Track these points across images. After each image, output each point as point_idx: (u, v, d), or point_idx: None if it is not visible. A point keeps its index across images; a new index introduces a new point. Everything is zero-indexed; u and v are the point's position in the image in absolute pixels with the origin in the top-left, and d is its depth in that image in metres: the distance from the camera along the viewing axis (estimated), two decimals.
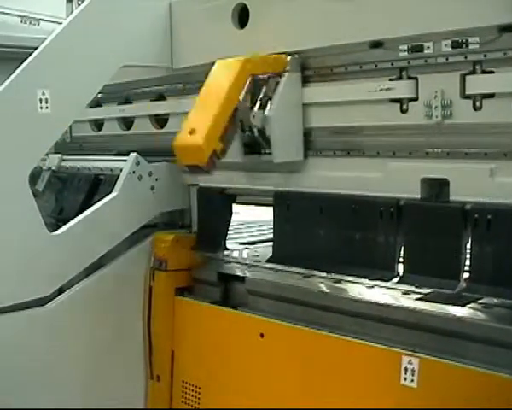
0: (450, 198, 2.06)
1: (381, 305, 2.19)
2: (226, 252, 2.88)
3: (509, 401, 1.79)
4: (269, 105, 2.28)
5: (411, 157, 2.18)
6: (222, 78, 2.26)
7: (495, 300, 2.04)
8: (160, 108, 3.12)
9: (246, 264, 2.76)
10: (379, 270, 2.24)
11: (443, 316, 2.03)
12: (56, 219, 3.07)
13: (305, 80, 2.40)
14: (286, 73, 2.31)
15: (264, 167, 2.52)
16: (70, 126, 3.40)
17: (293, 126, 2.38)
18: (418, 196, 2.14)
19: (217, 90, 2.24)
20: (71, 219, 2.65)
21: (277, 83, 2.30)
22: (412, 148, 2.17)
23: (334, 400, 2.19)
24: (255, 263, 2.73)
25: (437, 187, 2.12)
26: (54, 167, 3.35)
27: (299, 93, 2.37)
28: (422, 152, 2.15)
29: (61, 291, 2.61)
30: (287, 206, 2.50)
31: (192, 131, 2.19)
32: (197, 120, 2.22)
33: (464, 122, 2.01)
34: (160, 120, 3.16)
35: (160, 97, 3.14)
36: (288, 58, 2.32)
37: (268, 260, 2.59)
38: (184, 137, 2.22)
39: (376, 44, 2.18)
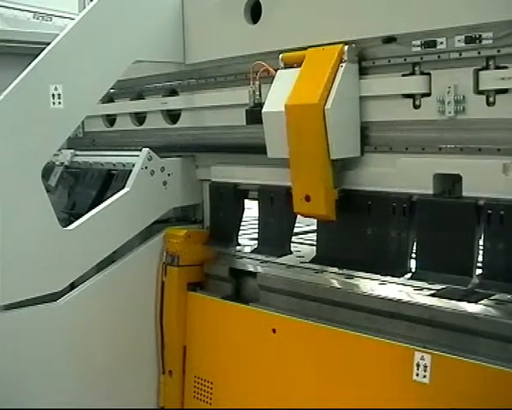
0: (463, 194, 2.07)
1: (393, 301, 2.19)
2: (238, 247, 2.88)
3: None
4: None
5: (424, 153, 2.19)
6: (305, 123, 2.24)
7: (508, 296, 2.05)
8: (172, 103, 3.14)
9: (258, 259, 2.77)
10: (391, 266, 2.25)
11: (455, 312, 2.03)
12: (69, 214, 3.12)
13: None
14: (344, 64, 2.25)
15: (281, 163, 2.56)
16: (82, 122, 3.44)
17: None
18: (431, 192, 2.15)
19: (308, 140, 2.24)
20: (83, 215, 2.68)
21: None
22: (425, 143, 2.18)
23: (347, 395, 2.21)
24: (267, 259, 2.74)
25: (450, 183, 2.14)
26: (66, 163, 3.38)
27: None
28: (435, 148, 2.16)
29: (73, 286, 2.65)
30: None
31: (308, 198, 2.26)
32: (306, 183, 2.28)
33: (477, 118, 2.02)
34: (173, 116, 3.18)
35: (173, 93, 3.16)
36: (346, 48, 2.24)
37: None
38: (302, 205, 2.29)
39: (389, 40, 2.20)
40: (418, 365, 1.99)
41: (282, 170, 2.52)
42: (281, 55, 2.37)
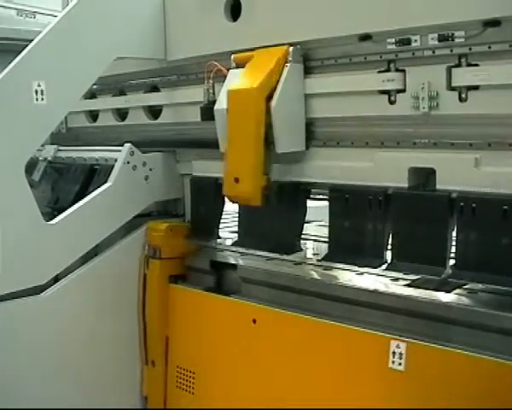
0: (437, 187, 2.07)
1: (370, 291, 2.20)
2: (219, 240, 2.87)
3: (492, 383, 1.82)
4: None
5: (399, 147, 2.19)
6: (243, 108, 2.26)
7: (479, 285, 2.06)
8: (153, 99, 3.12)
9: (238, 252, 2.76)
10: (368, 257, 2.26)
11: (430, 301, 2.04)
12: (52, 208, 3.07)
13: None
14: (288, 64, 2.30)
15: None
16: (65, 117, 3.38)
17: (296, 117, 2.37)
18: (406, 185, 2.16)
19: (244, 124, 2.25)
20: (66, 209, 2.65)
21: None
22: (400, 138, 2.18)
23: (325, 383, 2.22)
24: (247, 251, 2.73)
25: (424, 176, 2.14)
26: (50, 158, 3.33)
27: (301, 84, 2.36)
28: (410, 142, 2.16)
29: (56, 279, 2.61)
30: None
31: (237, 180, 2.26)
32: (238, 166, 2.29)
33: (450, 113, 2.02)
34: (154, 112, 3.16)
35: (154, 89, 3.14)
36: (291, 49, 2.30)
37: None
38: (231, 186, 2.29)
39: (365, 37, 2.19)
40: (394, 353, 2.00)
41: None
42: (232, 56, 2.42)
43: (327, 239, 2.43)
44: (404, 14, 2.05)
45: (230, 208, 3.06)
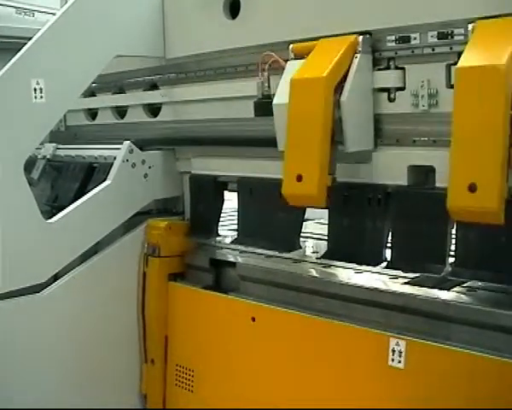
0: (436, 185, 2.06)
1: (370, 289, 2.18)
2: (218, 238, 2.86)
3: (492, 382, 1.81)
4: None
5: (399, 145, 2.18)
6: (310, 98, 2.08)
7: (479, 283, 2.05)
8: (153, 97, 3.11)
9: (238, 250, 2.74)
10: (367, 255, 2.25)
11: (429, 299, 2.03)
12: (51, 206, 3.06)
13: None
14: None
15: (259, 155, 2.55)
16: (64, 116, 3.39)
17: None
18: (405, 184, 2.15)
19: (311, 117, 2.07)
20: (66, 207, 2.64)
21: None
22: (399, 136, 2.17)
23: (324, 382, 2.21)
24: (247, 249, 2.72)
25: (423, 174, 2.13)
26: (49, 156, 3.32)
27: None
28: (409, 140, 2.15)
29: (56, 278, 2.60)
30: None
31: (299, 178, 2.08)
32: (301, 162, 2.10)
33: (450, 111, 1.92)
34: (153, 109, 3.15)
35: (153, 87, 3.13)
36: (360, 38, 2.14)
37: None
38: (292, 185, 2.09)
39: (365, 35, 2.16)
40: (393, 350, 1.99)
41: (260, 162, 2.54)
42: (291, 46, 2.27)
43: (326, 237, 2.42)
44: (403, 11, 2.05)
45: (230, 206, 3.05)
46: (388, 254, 2.23)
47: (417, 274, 2.17)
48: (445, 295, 2.03)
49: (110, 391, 2.70)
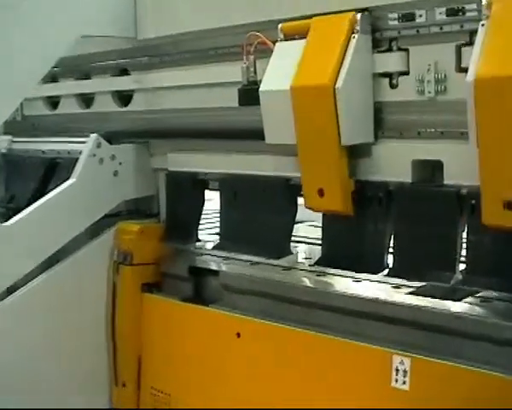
0: (445, 182, 2.07)
1: (370, 300, 2.19)
2: (198, 243, 2.87)
3: (509, 404, 1.79)
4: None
5: (402, 137, 2.18)
6: (317, 107, 2.11)
7: (494, 293, 2.05)
8: (123, 83, 3.09)
9: (220, 256, 2.75)
10: (367, 261, 2.26)
11: (437, 312, 2.03)
12: (6, 208, 3.04)
13: None
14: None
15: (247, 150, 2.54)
16: (21, 104, 3.36)
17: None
18: (409, 180, 2.15)
19: (320, 126, 2.11)
20: (23, 209, 2.62)
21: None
22: (403, 127, 2.17)
23: (321, 405, 2.20)
24: (230, 255, 2.73)
25: (430, 170, 2.14)
26: (3, 150, 3.30)
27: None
28: (414, 131, 2.15)
29: (13, 289, 2.59)
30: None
31: (321, 193, 2.15)
32: (319, 176, 2.17)
33: (460, 98, 1.94)
34: (124, 98, 3.12)
35: (123, 72, 3.10)
36: (359, 16, 2.11)
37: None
38: (315, 200, 2.20)
39: (363, 12, 2.15)
40: (397, 370, 1.99)
41: (245, 157, 2.50)
42: (280, 25, 2.26)
43: (320, 241, 2.42)
44: None
45: (211, 207, 3.06)
46: (390, 260, 2.24)
47: (423, 283, 2.17)
48: (455, 306, 2.03)
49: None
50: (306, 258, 2.69)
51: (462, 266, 2.07)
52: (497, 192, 1.82)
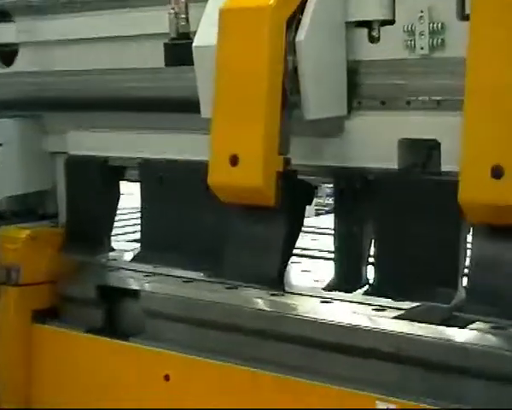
0: (442, 169, 2.09)
1: (343, 327, 2.17)
2: (112, 254, 2.89)
3: None
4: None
5: (385, 109, 2.21)
6: (250, 40, 2.11)
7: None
8: (3, 34, 3.02)
9: (142, 271, 2.75)
10: (339, 275, 2.30)
11: (434, 342, 2.02)
12: None
13: None
14: None
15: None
16: None
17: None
18: (395, 167, 2.18)
19: (250, 69, 2.10)
20: None
21: None
22: (386, 94, 2.20)
23: None
24: (156, 270, 2.74)
25: (423, 152, 2.16)
26: None
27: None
28: (401, 101, 2.17)
29: None
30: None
31: (234, 160, 2.11)
32: (236, 136, 2.13)
33: (462, 56, 1.96)
34: (5, 54, 3.07)
35: (4, 17, 3.03)
36: None
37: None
38: (223, 171, 2.14)
39: None
40: None
41: (174, 137, 2.54)
42: None
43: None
44: None
45: (128, 205, 3.09)
46: (371, 273, 2.27)
47: (415, 303, 2.19)
48: (457, 334, 2.02)
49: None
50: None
51: (466, 281, 2.09)
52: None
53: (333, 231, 2.36)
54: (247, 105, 2.12)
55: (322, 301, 2.36)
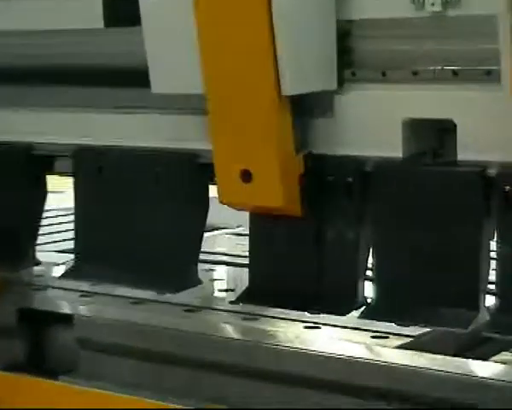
0: (459, 157, 2.09)
1: (334, 359, 2.15)
2: (37, 269, 2.90)
3: None
4: None
5: (385, 81, 2.20)
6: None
7: None
8: None
9: (76, 290, 2.77)
10: (329, 294, 2.29)
11: (448, 378, 2.00)
12: None
13: None
14: None
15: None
16: None
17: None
18: (399, 155, 2.17)
19: (250, 65, 2.14)
20: None
21: None
22: (387, 63, 2.19)
23: None
24: (94, 288, 2.75)
25: (434, 136, 2.17)
26: None
27: None
28: (407, 71, 2.16)
29: None
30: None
31: (246, 176, 2.19)
32: (242, 146, 2.20)
33: (483, 14, 1.99)
34: None
35: None
36: None
37: None
38: (236, 188, 2.23)
39: None
40: None
41: (121, 118, 2.56)
42: None
43: (248, 261, 2.47)
44: None
45: (57, 205, 3.12)
46: (369, 290, 2.27)
47: (425, 329, 2.22)
48: (480, 368, 2.02)
49: None
50: (226, 290, 2.80)
51: (490, 300, 2.09)
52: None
53: None
54: (250, 106, 2.18)
55: (307, 327, 2.39)
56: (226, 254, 3.04)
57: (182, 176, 2.50)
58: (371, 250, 2.24)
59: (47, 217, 2.90)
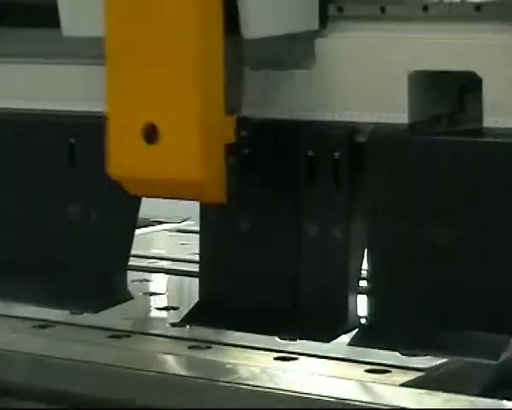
0: (485, 123, 2.06)
1: (318, 403, 2.03)
2: None
3: None
4: None
5: (385, 20, 2.17)
6: None
7: None
8: None
9: None
10: (308, 313, 2.30)
11: None
12: None
13: None
14: None
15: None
16: None
17: None
18: (405, 122, 2.15)
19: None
20: None
21: None
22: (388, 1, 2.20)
23: None
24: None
25: (451, 95, 2.17)
26: None
27: None
28: (415, 6, 2.12)
29: None
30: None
31: (152, 135, 2.10)
32: (151, 93, 2.15)
33: None
34: None
35: None
36: None
37: None
38: (133, 153, 2.14)
39: None
40: None
41: (18, 67, 2.62)
42: None
43: (198, 268, 2.53)
44: None
45: None
46: (362, 307, 2.29)
47: (438, 360, 2.21)
48: None
49: None
50: (167, 307, 2.81)
51: None
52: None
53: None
54: (171, 37, 2.12)
55: (279, 358, 2.36)
56: (166, 259, 3.04)
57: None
58: (366, 253, 2.24)
59: None
